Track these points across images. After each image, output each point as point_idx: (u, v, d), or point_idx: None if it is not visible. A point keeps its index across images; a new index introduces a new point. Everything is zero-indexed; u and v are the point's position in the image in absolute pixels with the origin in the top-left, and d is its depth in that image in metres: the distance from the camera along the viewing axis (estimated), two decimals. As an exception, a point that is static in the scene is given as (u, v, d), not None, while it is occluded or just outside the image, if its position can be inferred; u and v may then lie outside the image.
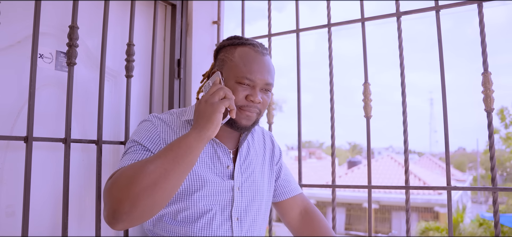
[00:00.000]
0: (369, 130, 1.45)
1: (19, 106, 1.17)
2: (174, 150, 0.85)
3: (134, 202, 0.79)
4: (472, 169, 30.06)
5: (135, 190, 0.79)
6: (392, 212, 14.07)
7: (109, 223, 0.82)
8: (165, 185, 0.82)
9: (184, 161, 0.85)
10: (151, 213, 0.83)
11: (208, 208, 1.00)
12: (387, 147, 41.95)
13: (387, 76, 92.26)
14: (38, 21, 1.11)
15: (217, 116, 0.90)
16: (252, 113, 1.01)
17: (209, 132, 0.89)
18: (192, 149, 0.86)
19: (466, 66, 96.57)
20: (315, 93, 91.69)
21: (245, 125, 1.01)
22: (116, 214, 0.79)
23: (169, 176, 0.82)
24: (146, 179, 0.80)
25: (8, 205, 1.14)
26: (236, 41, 1.06)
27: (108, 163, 1.42)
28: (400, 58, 1.40)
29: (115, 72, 1.46)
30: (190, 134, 0.88)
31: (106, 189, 0.84)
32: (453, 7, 1.33)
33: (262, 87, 1.01)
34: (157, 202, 0.82)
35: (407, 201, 1.37)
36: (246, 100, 0.99)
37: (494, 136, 1.25)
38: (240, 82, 0.99)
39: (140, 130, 1.01)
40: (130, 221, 0.80)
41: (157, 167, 0.82)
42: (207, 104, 0.91)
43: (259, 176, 1.13)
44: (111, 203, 0.80)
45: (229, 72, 1.01)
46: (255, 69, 0.99)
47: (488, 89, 1.24)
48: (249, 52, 1.02)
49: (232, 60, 1.02)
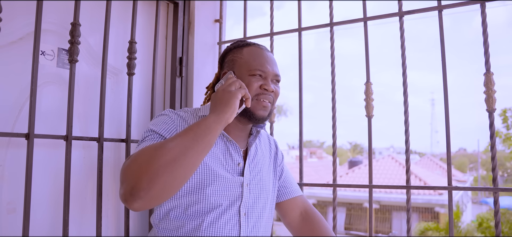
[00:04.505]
0: (370, 129, 1.45)
1: (20, 103, 1.18)
2: (193, 130, 0.88)
3: (153, 178, 0.78)
4: (473, 170, 30.04)
5: (155, 166, 0.79)
6: (392, 212, 14.06)
7: (126, 201, 0.80)
8: (185, 162, 0.83)
9: (204, 140, 0.87)
10: (169, 192, 0.82)
11: (218, 203, 1.02)
12: (388, 147, 41.98)
13: (386, 76, 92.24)
14: (40, 18, 1.11)
15: (234, 101, 0.96)
16: (267, 103, 1.07)
17: (227, 115, 0.94)
18: (211, 129, 0.90)
19: (464, 66, 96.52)
20: (315, 92, 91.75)
21: (262, 116, 1.07)
22: (134, 190, 0.78)
23: (189, 154, 0.84)
24: (166, 156, 0.81)
25: (9, 202, 1.14)
26: (241, 43, 1.15)
27: (110, 160, 1.42)
28: (402, 57, 1.40)
29: (116, 70, 1.46)
30: (209, 117, 0.93)
31: (124, 167, 0.84)
32: (456, 6, 1.33)
33: (272, 78, 1.10)
34: (175, 180, 0.82)
35: (408, 201, 1.37)
36: (260, 89, 1.06)
37: (495, 137, 1.25)
38: (253, 74, 1.06)
39: (157, 121, 1.03)
40: (148, 200, 0.79)
41: (177, 145, 0.84)
42: (225, 92, 0.98)
43: (265, 175, 1.17)
44: (129, 180, 0.80)
45: (241, 68, 1.08)
46: (265, 62, 1.08)
47: (490, 90, 1.24)
48: (256, 49, 1.11)
49: (242, 58, 1.10)
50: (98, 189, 1.25)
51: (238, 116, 1.07)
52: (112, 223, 1.43)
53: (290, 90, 26.63)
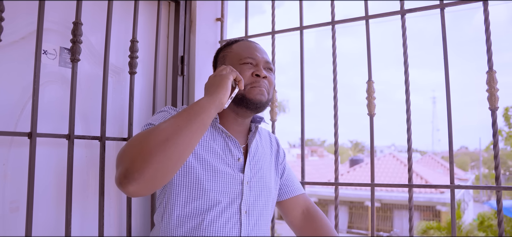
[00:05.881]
0: (372, 128, 1.44)
1: (23, 102, 1.18)
2: (186, 111, 0.88)
3: (146, 158, 0.77)
4: (475, 168, 29.99)
5: (148, 147, 0.79)
6: (394, 211, 14.06)
7: (121, 184, 0.78)
8: (179, 141, 0.82)
9: (196, 119, 0.87)
10: (163, 174, 0.81)
11: (218, 200, 1.01)
12: (389, 146, 41.91)
13: (386, 74, 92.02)
14: (42, 17, 1.12)
15: (226, 81, 0.97)
16: (262, 88, 1.07)
17: (220, 95, 0.94)
18: (204, 108, 0.90)
19: (464, 65, 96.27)
20: (316, 90, 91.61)
21: (260, 100, 1.06)
22: (128, 172, 0.77)
23: (182, 132, 0.83)
24: (160, 135, 0.81)
25: (12, 200, 1.14)
26: (231, 41, 1.18)
27: (112, 159, 1.42)
28: (404, 56, 1.39)
29: (118, 69, 1.46)
30: (202, 98, 0.94)
31: (119, 153, 0.84)
32: (458, 4, 1.32)
33: (264, 65, 1.10)
34: (170, 160, 0.80)
35: (410, 200, 1.37)
36: (253, 77, 1.07)
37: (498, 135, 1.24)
38: (244, 62, 1.08)
39: (156, 116, 1.04)
40: (143, 182, 0.77)
41: (170, 125, 0.84)
42: (216, 76, 1.00)
43: (267, 172, 1.16)
44: (123, 163, 0.79)
45: (232, 60, 1.10)
46: (254, 51, 1.11)
47: (492, 88, 1.23)
48: (244, 42, 1.15)
49: (232, 52, 1.12)
50: (100, 188, 1.26)
51: (235, 107, 1.07)
52: (114, 222, 1.43)
53: (291, 88, 26.62)
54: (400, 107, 15.85)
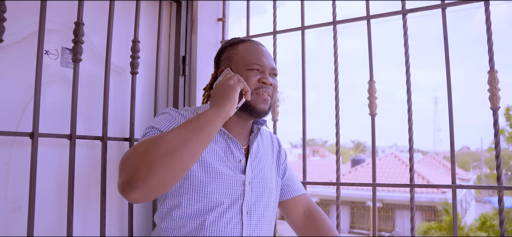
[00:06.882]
0: (374, 128, 1.44)
1: (25, 103, 1.18)
2: (193, 122, 0.88)
3: (151, 168, 0.78)
4: (476, 168, 29.93)
5: (153, 156, 0.79)
6: (395, 211, 14.04)
7: (123, 192, 0.79)
8: (184, 153, 0.82)
9: (203, 132, 0.87)
10: (166, 183, 0.81)
11: (220, 201, 1.01)
12: (391, 146, 41.81)
13: (387, 74, 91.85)
14: (44, 18, 1.12)
15: (234, 93, 0.96)
16: (267, 96, 1.08)
17: (227, 108, 0.94)
18: (211, 121, 0.90)
19: (465, 64, 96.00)
20: (317, 90, 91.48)
21: (263, 109, 1.07)
22: (132, 181, 0.77)
23: (188, 145, 0.83)
24: (165, 146, 0.80)
25: (14, 200, 1.15)
26: (236, 40, 1.16)
27: (113, 159, 1.42)
28: (405, 56, 1.39)
29: (120, 69, 1.47)
30: (209, 110, 0.93)
31: (123, 158, 0.84)
32: (460, 4, 1.32)
33: (270, 72, 1.10)
34: (174, 171, 0.81)
35: (412, 199, 1.37)
36: (259, 83, 1.06)
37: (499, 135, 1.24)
38: (250, 68, 1.07)
39: (158, 119, 1.04)
40: (146, 190, 0.78)
41: (176, 135, 0.83)
42: (224, 86, 0.98)
43: (268, 173, 1.16)
44: (128, 170, 0.79)
45: (238, 64, 1.09)
46: (261, 56, 1.09)
47: (494, 87, 1.23)
48: (251, 45, 1.12)
49: (238, 54, 1.10)
50: (102, 188, 1.26)
51: (238, 111, 1.07)
52: (116, 222, 1.43)
53: (291, 88, 26.53)
54: (401, 107, 15.81)
